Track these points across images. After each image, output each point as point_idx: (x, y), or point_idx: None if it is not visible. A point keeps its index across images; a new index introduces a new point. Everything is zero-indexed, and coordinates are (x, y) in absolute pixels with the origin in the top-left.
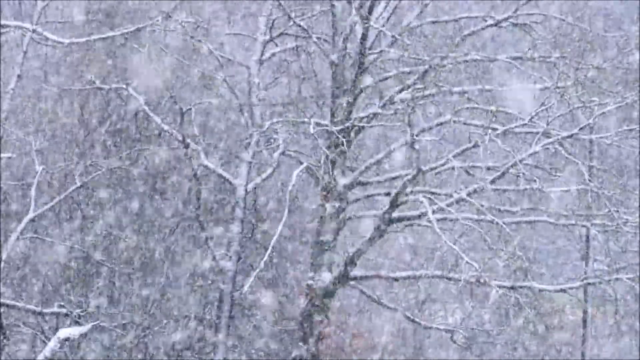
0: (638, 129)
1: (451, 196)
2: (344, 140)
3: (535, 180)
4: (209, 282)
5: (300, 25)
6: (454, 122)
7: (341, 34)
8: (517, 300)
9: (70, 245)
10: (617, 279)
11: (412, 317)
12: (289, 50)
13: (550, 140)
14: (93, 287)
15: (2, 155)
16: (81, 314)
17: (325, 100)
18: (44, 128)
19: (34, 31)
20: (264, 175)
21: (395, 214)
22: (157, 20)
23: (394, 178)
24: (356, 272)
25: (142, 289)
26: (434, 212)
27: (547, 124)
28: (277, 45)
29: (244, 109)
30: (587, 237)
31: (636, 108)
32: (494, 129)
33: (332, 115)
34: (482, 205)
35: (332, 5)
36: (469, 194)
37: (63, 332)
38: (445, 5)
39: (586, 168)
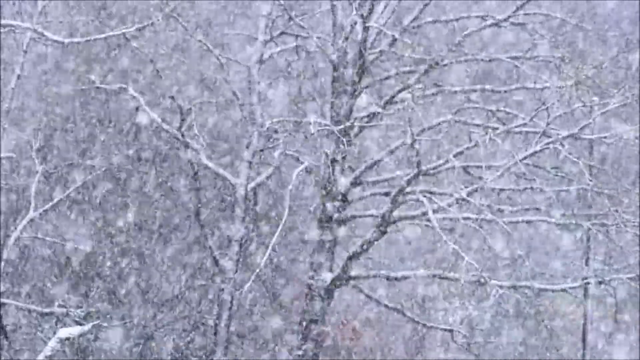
0: (638, 128)
1: (451, 196)
2: (344, 140)
3: (535, 180)
4: (209, 282)
5: (300, 25)
6: (455, 121)
7: (341, 34)
8: (517, 300)
9: (70, 244)
10: (617, 279)
11: (412, 317)
12: (289, 50)
13: (550, 140)
14: (93, 287)
15: (2, 155)
16: (81, 313)
17: (325, 100)
18: (44, 128)
19: (34, 31)
20: (264, 175)
21: (395, 214)
22: (157, 20)
23: (394, 178)
24: (356, 272)
25: (141, 289)
26: (434, 211)
27: (547, 124)
28: (277, 45)
29: (244, 108)
30: (587, 237)
31: (636, 108)
32: (494, 129)
33: (333, 115)
34: (482, 205)
35: (332, 5)
36: (469, 194)
37: (63, 332)
38: (446, 5)
39: (586, 168)
